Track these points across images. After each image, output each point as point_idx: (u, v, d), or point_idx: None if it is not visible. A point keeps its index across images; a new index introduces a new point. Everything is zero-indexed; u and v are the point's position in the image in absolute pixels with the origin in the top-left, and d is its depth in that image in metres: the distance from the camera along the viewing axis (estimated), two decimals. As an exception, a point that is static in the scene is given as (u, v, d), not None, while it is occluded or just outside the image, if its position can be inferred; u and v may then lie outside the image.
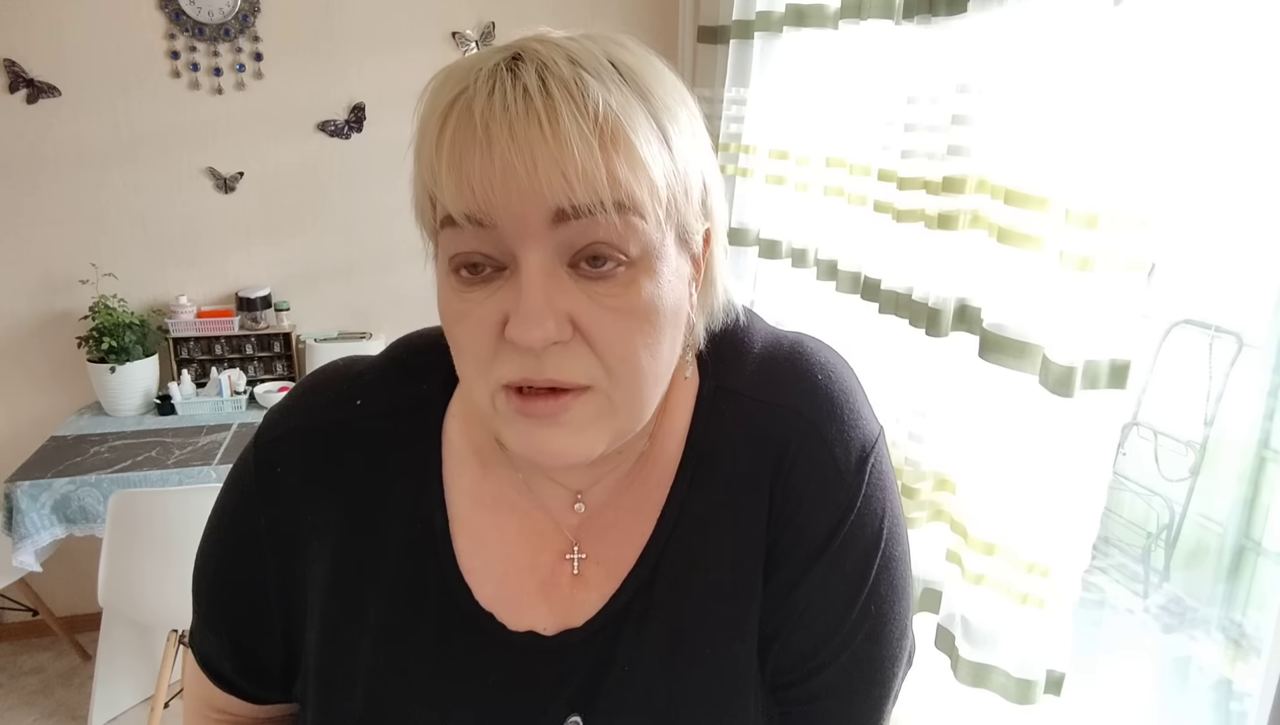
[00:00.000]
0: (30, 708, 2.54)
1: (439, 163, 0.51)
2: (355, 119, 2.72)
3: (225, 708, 0.73)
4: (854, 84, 1.82)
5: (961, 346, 1.48)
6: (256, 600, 0.67)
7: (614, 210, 0.50)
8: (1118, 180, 1.18)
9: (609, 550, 0.64)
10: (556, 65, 0.50)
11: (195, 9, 2.53)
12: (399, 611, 0.63)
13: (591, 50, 0.52)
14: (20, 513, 2.16)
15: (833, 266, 1.91)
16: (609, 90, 0.50)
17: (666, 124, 0.53)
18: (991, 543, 1.40)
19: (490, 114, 0.49)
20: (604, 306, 0.53)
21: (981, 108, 1.40)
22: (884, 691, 0.66)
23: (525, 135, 0.48)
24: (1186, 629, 2.29)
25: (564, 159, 0.48)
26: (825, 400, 0.63)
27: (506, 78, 0.50)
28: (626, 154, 0.50)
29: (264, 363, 2.76)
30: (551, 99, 0.49)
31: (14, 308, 2.64)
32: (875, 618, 0.63)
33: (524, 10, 2.76)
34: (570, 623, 0.63)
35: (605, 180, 0.49)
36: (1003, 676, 1.41)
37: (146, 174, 2.63)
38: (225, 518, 0.68)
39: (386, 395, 0.65)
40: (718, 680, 0.62)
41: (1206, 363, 2.26)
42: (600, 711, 0.62)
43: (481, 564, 0.64)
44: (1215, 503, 2.29)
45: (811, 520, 0.62)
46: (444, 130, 0.51)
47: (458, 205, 0.51)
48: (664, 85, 0.55)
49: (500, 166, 0.49)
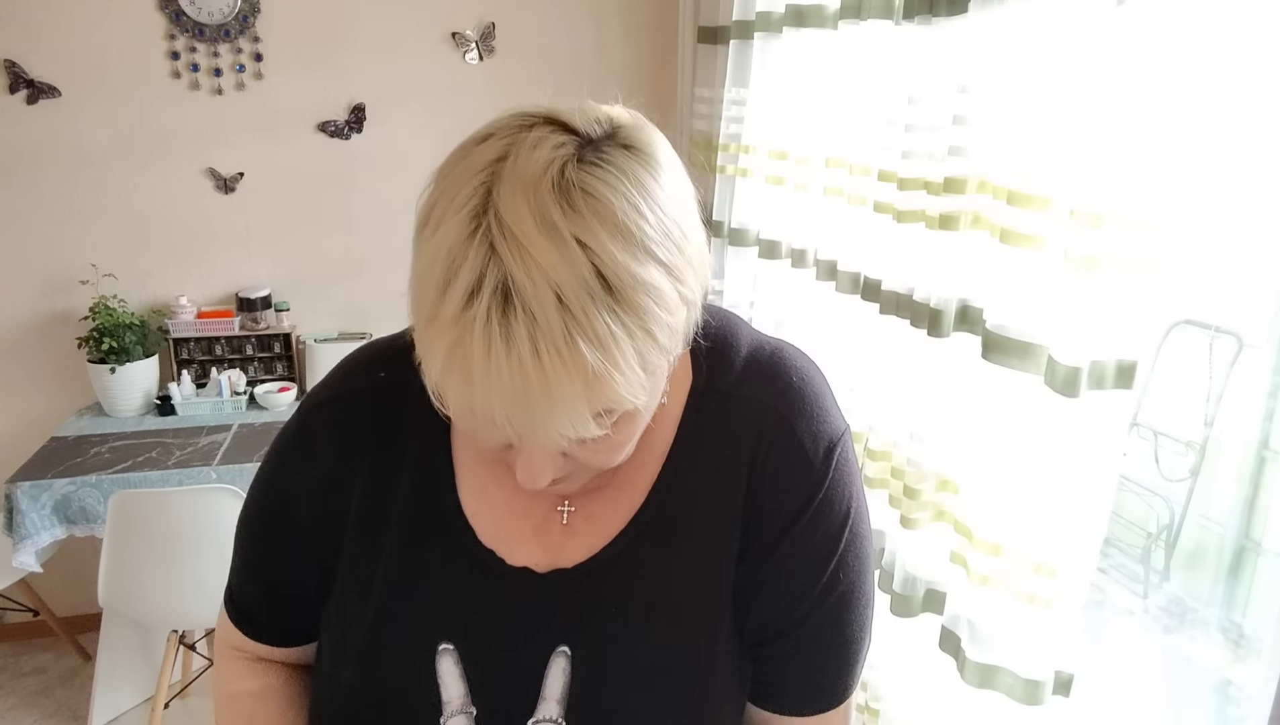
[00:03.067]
0: (31, 708, 2.54)
1: (442, 393, 0.56)
2: (355, 119, 2.72)
3: (243, 646, 0.85)
4: (854, 84, 1.82)
5: (963, 347, 1.48)
6: (300, 537, 0.77)
7: (603, 426, 0.57)
8: (1121, 180, 1.18)
9: (597, 508, 0.73)
10: (547, 321, 0.51)
11: (195, 9, 2.53)
12: (410, 543, 0.73)
13: (577, 268, 0.52)
14: (21, 513, 2.16)
15: (833, 267, 1.91)
16: (595, 334, 0.52)
17: (651, 325, 0.55)
18: (997, 544, 1.40)
19: (488, 385, 0.53)
20: (592, 448, 0.61)
21: (982, 108, 1.40)
22: (852, 655, 0.76)
23: (524, 407, 0.53)
24: (1186, 629, 2.29)
25: (559, 423, 0.54)
26: (798, 398, 0.73)
27: (500, 346, 0.52)
28: (612, 393, 0.54)
29: (264, 363, 2.76)
30: (543, 367, 0.52)
31: (14, 308, 2.63)
32: (844, 584, 0.73)
33: (524, 10, 2.76)
34: (559, 563, 0.72)
35: (593, 421, 0.56)
36: (1010, 677, 1.41)
37: (146, 174, 2.63)
38: (274, 473, 0.79)
39: (403, 367, 0.72)
40: (692, 628, 0.71)
41: (1206, 363, 2.26)
42: (588, 645, 0.71)
43: (483, 507, 0.73)
44: (1215, 503, 2.29)
45: (784, 498, 0.71)
46: (446, 372, 0.54)
47: (459, 422, 0.60)
48: (656, 255, 0.55)
49: (500, 425, 0.55)
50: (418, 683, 0.71)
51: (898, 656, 1.69)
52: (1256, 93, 1.43)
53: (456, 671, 0.71)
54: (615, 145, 0.57)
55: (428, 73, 2.74)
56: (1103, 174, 1.19)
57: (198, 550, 2.09)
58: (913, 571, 1.63)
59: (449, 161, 0.59)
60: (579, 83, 2.84)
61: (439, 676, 0.71)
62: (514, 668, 0.71)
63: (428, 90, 2.75)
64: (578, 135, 0.56)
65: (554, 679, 0.70)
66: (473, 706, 0.71)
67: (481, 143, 0.57)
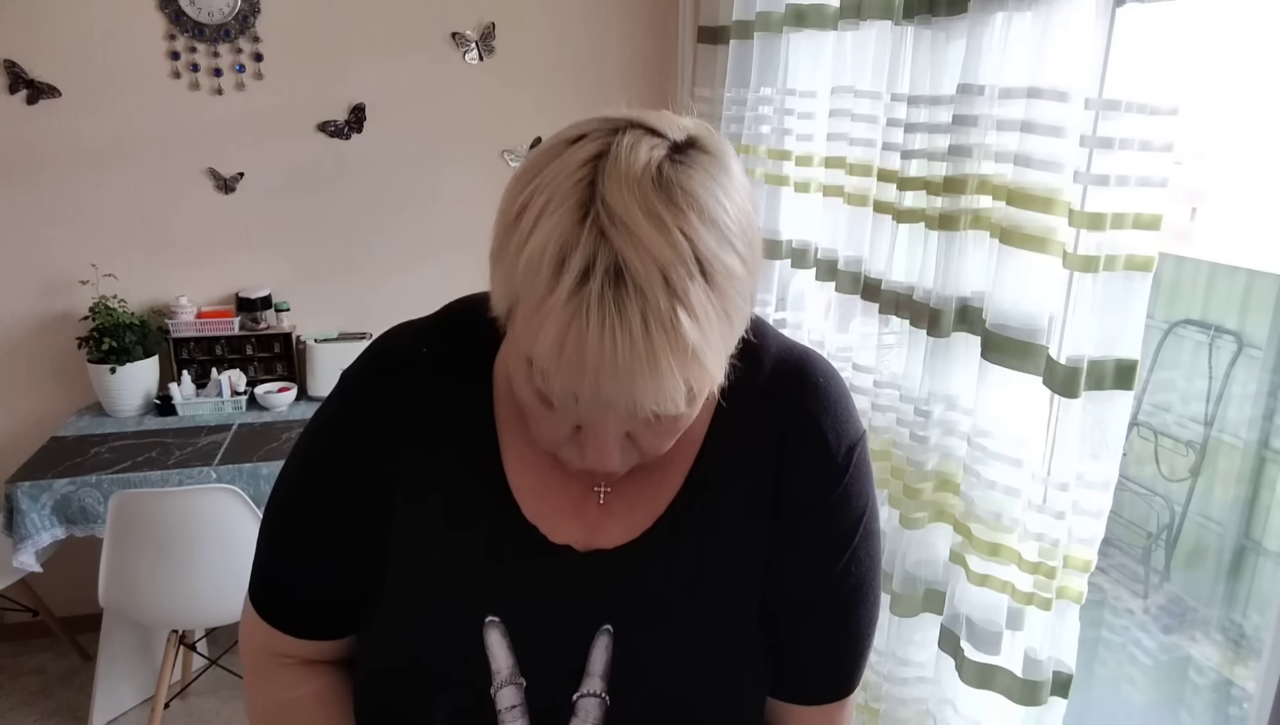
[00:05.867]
0: (31, 708, 2.54)
1: (551, 375, 0.59)
2: (355, 119, 2.72)
3: (284, 650, 0.83)
4: (854, 84, 1.83)
5: (964, 347, 1.48)
6: (354, 511, 0.77)
7: (690, 403, 0.61)
8: (1120, 180, 1.18)
9: (632, 489, 0.76)
10: (655, 298, 0.56)
11: (195, 9, 2.53)
12: (457, 517, 0.75)
13: (680, 252, 0.57)
14: (21, 513, 2.16)
15: (833, 266, 1.91)
16: (695, 311, 0.57)
17: (731, 309, 0.60)
18: (996, 543, 1.40)
19: (600, 358, 0.57)
20: (658, 430, 0.66)
21: (982, 108, 1.40)
22: (857, 649, 0.81)
23: (630, 379, 0.57)
24: (1186, 629, 2.29)
25: (659, 396, 0.58)
26: (824, 398, 0.78)
27: (615, 320, 0.56)
28: (702, 371, 0.59)
29: (264, 363, 2.76)
30: (651, 341, 0.56)
31: (14, 308, 2.63)
32: (855, 578, 0.78)
33: (524, 10, 2.76)
34: (598, 543, 0.75)
35: (684, 397, 0.59)
36: (1008, 678, 1.41)
37: (146, 174, 2.63)
38: (319, 451, 0.80)
39: (446, 344, 0.79)
40: (729, 610, 0.76)
41: (1206, 363, 2.26)
42: (630, 624, 0.74)
43: (526, 482, 0.76)
44: (1215, 503, 2.29)
45: (808, 489, 0.76)
46: (558, 347, 0.57)
47: (560, 403, 0.62)
48: (736, 247, 0.60)
49: (604, 399, 0.59)
50: (467, 653, 0.73)
51: (898, 656, 1.69)
52: (1256, 92, 1.43)
53: (505, 643, 0.74)
54: (699, 150, 0.61)
55: (428, 73, 2.74)
56: (1102, 173, 1.19)
57: (198, 550, 2.09)
58: (913, 571, 1.63)
59: (538, 159, 0.61)
60: (579, 82, 2.84)
61: (487, 648, 0.73)
62: (559, 643, 0.74)
63: (428, 90, 2.75)
64: (665, 138, 0.61)
65: (598, 655, 0.74)
66: (522, 677, 0.73)
67: (575, 143, 0.61)
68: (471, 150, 2.83)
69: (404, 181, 2.81)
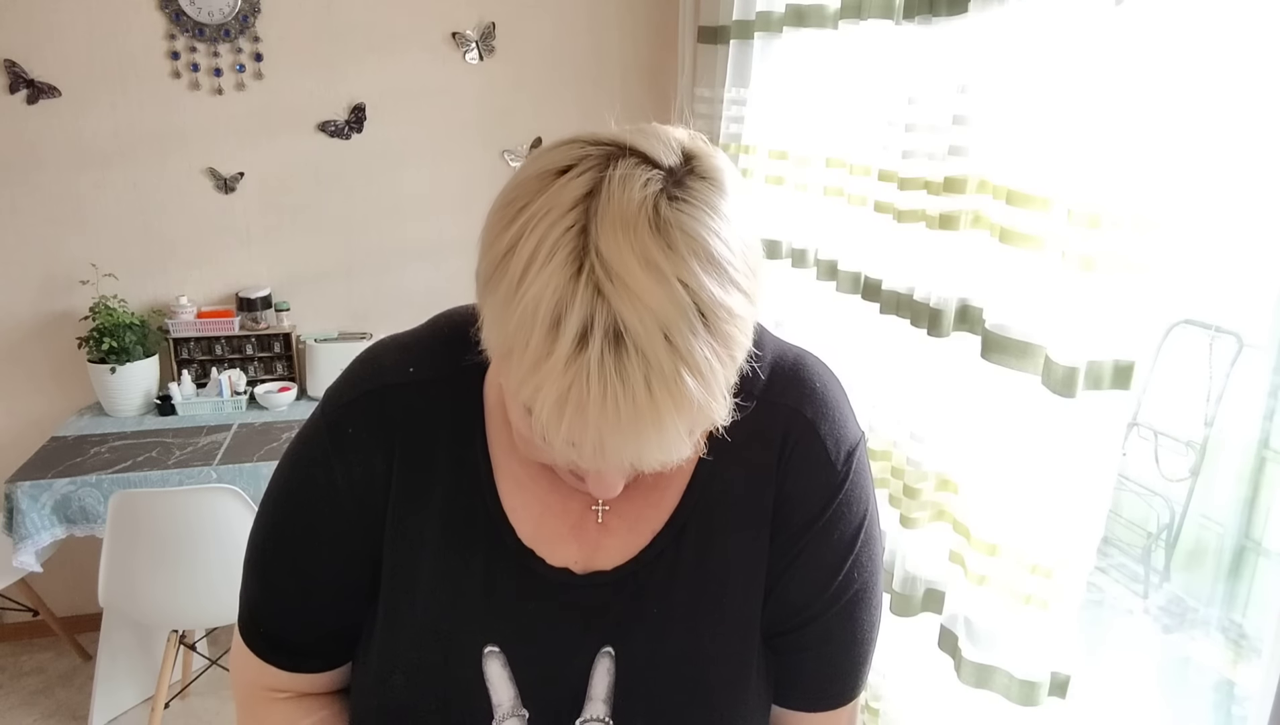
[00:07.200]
0: (31, 708, 2.54)
1: (551, 431, 0.56)
2: (355, 119, 2.72)
3: (278, 685, 0.80)
4: (854, 84, 1.82)
5: (963, 347, 1.48)
6: (343, 540, 0.74)
7: (692, 444, 0.59)
8: (1120, 180, 1.18)
9: (630, 507, 0.74)
10: (658, 360, 0.53)
11: (195, 9, 2.53)
12: (451, 545, 0.73)
13: (681, 307, 0.54)
14: (21, 513, 2.16)
15: (833, 266, 1.91)
16: (699, 367, 0.55)
17: (735, 351, 0.58)
18: (995, 543, 1.40)
19: (602, 422, 0.54)
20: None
21: (982, 108, 1.40)
22: (861, 654, 0.79)
23: (635, 438, 0.55)
24: (1187, 629, 2.29)
25: (663, 450, 0.57)
26: (821, 404, 0.76)
27: (616, 385, 0.53)
28: (707, 419, 0.58)
29: (264, 363, 2.76)
30: (655, 403, 0.54)
31: (14, 308, 2.64)
32: (858, 584, 0.76)
33: (524, 10, 2.76)
34: (597, 565, 0.73)
35: (689, 446, 0.58)
36: (1006, 678, 1.41)
37: (146, 174, 2.63)
38: (299, 483, 0.76)
39: (434, 363, 0.75)
40: (732, 625, 0.74)
41: (1206, 363, 2.26)
42: (631, 645, 0.72)
43: (521, 504, 0.73)
44: (1215, 503, 2.29)
45: (807, 498, 0.74)
46: (559, 412, 0.55)
47: (561, 453, 0.59)
48: (739, 284, 0.57)
49: (608, 455, 0.57)
50: (467, 687, 0.71)
51: (898, 656, 1.69)
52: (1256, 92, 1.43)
53: (505, 674, 0.72)
54: (695, 177, 0.57)
55: (428, 73, 2.74)
56: (1102, 174, 1.19)
57: (198, 550, 2.09)
58: (912, 571, 1.63)
59: (524, 189, 0.57)
60: (579, 82, 2.84)
61: (487, 680, 0.71)
62: (559, 669, 0.72)
63: (428, 90, 2.75)
64: (659, 167, 0.57)
65: (599, 679, 0.72)
66: (524, 709, 0.71)
67: (563, 175, 0.56)
68: (471, 150, 2.83)
69: (404, 181, 2.81)
